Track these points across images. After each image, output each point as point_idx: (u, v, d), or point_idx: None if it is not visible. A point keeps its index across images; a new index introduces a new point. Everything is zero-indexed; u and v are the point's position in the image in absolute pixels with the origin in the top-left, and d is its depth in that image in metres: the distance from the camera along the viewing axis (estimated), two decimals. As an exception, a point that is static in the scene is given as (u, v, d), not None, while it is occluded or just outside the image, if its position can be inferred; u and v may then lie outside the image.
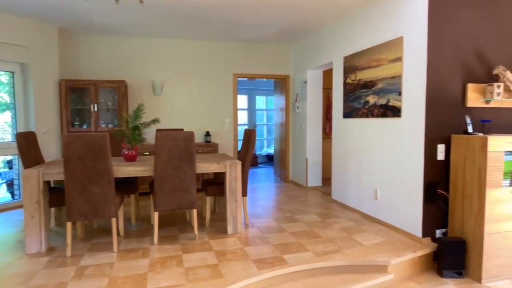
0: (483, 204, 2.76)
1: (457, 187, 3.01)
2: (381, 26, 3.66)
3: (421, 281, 2.81)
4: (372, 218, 3.85)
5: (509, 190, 2.82)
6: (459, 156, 3.00)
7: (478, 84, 3.16)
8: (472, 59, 3.18)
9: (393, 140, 3.51)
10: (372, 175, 3.86)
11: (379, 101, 3.70)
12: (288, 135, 6.35)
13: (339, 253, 2.90)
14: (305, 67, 5.67)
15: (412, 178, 3.23)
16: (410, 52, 3.23)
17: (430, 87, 3.06)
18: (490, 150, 2.74)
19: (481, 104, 3.17)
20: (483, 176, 2.76)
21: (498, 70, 3.10)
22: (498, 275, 2.82)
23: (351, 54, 4.23)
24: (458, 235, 3.00)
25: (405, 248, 2.99)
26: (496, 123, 3.26)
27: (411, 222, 3.26)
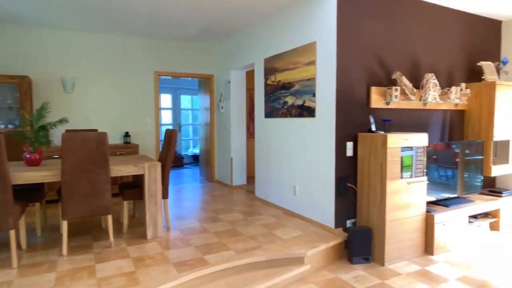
0: (384, 194, 3.09)
1: (364, 180, 3.32)
2: (297, 31, 3.85)
3: (334, 269, 3.03)
4: (292, 213, 4.04)
5: (405, 182, 3.20)
6: (364, 152, 3.30)
7: (380, 88, 3.51)
8: (375, 65, 3.52)
9: (309, 138, 3.72)
10: (291, 172, 4.05)
11: (296, 102, 3.90)
12: (213, 134, 6.33)
13: (260, 249, 2.98)
14: (228, 67, 5.70)
15: (326, 174, 3.47)
16: (322, 57, 3.46)
17: (339, 90, 3.32)
18: (389, 147, 3.08)
19: (382, 105, 3.53)
20: (384, 170, 3.09)
21: (396, 75, 3.48)
22: (397, 258, 3.18)
23: (271, 56, 4.38)
24: (365, 224, 3.31)
25: (319, 239, 3.20)
26: (395, 122, 3.66)
27: (325, 214, 3.49)
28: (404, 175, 3.20)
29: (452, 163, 3.81)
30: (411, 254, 3.27)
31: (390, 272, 2.97)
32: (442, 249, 3.40)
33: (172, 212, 4.24)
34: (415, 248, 3.29)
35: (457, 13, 4.13)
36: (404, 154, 3.20)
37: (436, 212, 3.36)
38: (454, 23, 4.12)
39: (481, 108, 4.06)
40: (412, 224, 3.25)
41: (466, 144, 3.88)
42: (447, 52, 4.09)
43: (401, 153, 3.14)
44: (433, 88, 3.66)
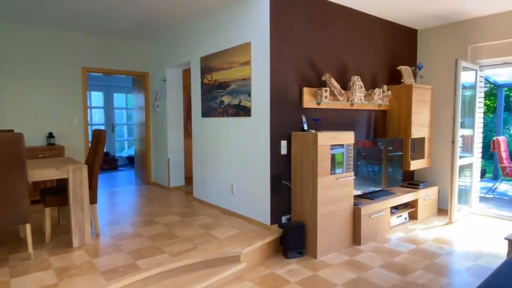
0: (315, 190, 3.24)
1: (297, 177, 3.44)
2: (233, 30, 3.86)
3: (270, 264, 3.10)
4: (230, 212, 4.05)
5: (335, 177, 3.39)
6: (297, 150, 3.43)
7: (311, 88, 3.67)
8: (306, 67, 3.68)
9: (245, 137, 3.76)
10: (228, 172, 4.06)
11: (233, 101, 3.91)
12: (148, 135, 6.09)
13: (196, 250, 2.94)
14: (164, 65, 5.53)
15: (261, 172, 3.53)
16: (257, 57, 3.52)
17: (273, 90, 3.40)
18: (319, 144, 3.23)
19: (314, 105, 3.70)
20: (315, 167, 3.24)
21: (325, 77, 3.67)
22: (329, 250, 3.35)
23: (207, 55, 4.34)
24: (299, 219, 3.44)
25: (256, 236, 3.25)
26: (325, 121, 3.86)
27: (261, 212, 3.56)
28: (337, 171, 3.40)
29: (377, 159, 4.13)
30: (341, 245, 3.47)
31: (322, 264, 3.13)
32: (369, 239, 3.66)
33: (103, 217, 3.99)
34: (345, 240, 3.51)
35: (380, 21, 4.48)
36: (336, 152, 3.39)
37: (362, 205, 3.61)
38: (377, 30, 4.47)
39: (400, 108, 4.45)
40: (342, 217, 3.46)
41: (388, 141, 4.23)
42: (371, 57, 4.42)
43: (333, 151, 3.32)
44: (359, 89, 3.93)
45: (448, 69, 4.61)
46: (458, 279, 2.85)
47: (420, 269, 3.01)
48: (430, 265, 3.08)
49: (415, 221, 4.35)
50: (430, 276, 2.88)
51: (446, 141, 4.65)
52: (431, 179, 4.90)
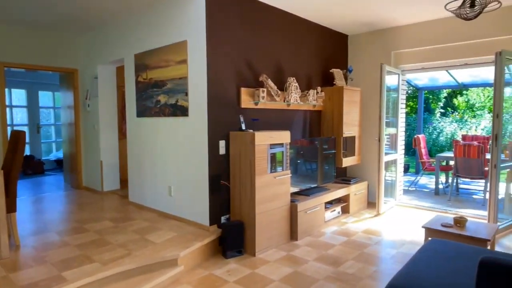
0: (254, 189, 3.28)
1: (235, 177, 3.46)
2: (169, 28, 3.76)
3: (208, 265, 3.07)
4: (167, 215, 3.93)
5: (273, 176, 3.47)
6: (236, 150, 3.45)
7: (249, 89, 3.72)
8: (244, 67, 3.71)
9: (182, 138, 3.68)
10: (166, 173, 3.94)
11: (169, 101, 3.81)
12: (78, 136, 5.67)
13: (129, 256, 2.80)
14: (95, 62, 5.19)
15: (200, 172, 3.49)
16: (194, 56, 3.47)
17: (211, 89, 3.38)
18: (257, 144, 3.28)
19: (251, 105, 3.75)
20: (253, 166, 3.28)
21: (262, 78, 3.74)
22: (267, 247, 3.42)
23: (142, 53, 4.17)
24: (238, 218, 3.46)
25: (194, 238, 3.20)
26: (263, 121, 3.93)
27: (200, 213, 3.51)
28: (274, 170, 3.47)
29: (313, 157, 4.32)
30: (279, 241, 3.56)
31: (260, 261, 3.18)
32: (305, 234, 3.81)
33: (24, 227, 3.62)
34: (282, 236, 3.61)
35: (314, 26, 4.69)
36: (274, 151, 3.47)
37: (299, 202, 3.75)
38: (312, 33, 4.66)
39: (333, 108, 4.70)
40: (279, 214, 3.55)
41: (323, 140, 4.44)
42: (306, 59, 4.61)
43: (271, 150, 3.38)
44: (295, 90, 4.07)
45: (374, 73, 4.97)
46: (383, 266, 3.09)
47: (351, 259, 3.21)
48: (359, 255, 3.30)
49: (347, 214, 4.63)
50: (359, 265, 3.08)
51: (373, 139, 5.01)
52: (362, 174, 5.25)
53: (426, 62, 4.77)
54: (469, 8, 2.87)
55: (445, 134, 9.67)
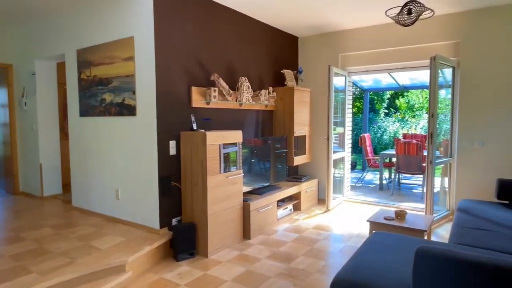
0: (205, 189, 3.24)
1: (187, 178, 3.40)
2: (114, 23, 3.58)
3: (159, 270, 2.98)
4: (115, 219, 3.75)
5: (224, 176, 3.45)
6: (187, 150, 3.38)
7: (200, 88, 3.67)
8: (195, 66, 3.65)
9: (130, 138, 3.53)
10: (113, 175, 3.75)
11: (115, 100, 3.63)
12: (14, 137, 5.21)
13: (72, 265, 2.63)
14: (32, 56, 4.80)
15: (149, 174, 3.37)
16: (141, 53, 3.34)
17: (160, 88, 3.28)
18: (208, 144, 3.25)
19: (203, 105, 3.70)
20: (204, 166, 3.24)
21: (214, 77, 3.70)
22: (220, 247, 3.40)
23: (85, 48, 3.93)
24: (190, 220, 3.40)
25: (143, 243, 3.08)
26: (215, 121, 3.90)
27: (150, 216, 3.40)
28: (226, 169, 3.46)
29: (265, 156, 4.37)
30: (232, 241, 3.56)
31: (213, 262, 3.15)
32: (258, 232, 3.85)
33: None
34: (235, 236, 3.61)
35: (266, 27, 4.74)
36: (226, 151, 3.45)
37: (251, 201, 3.77)
38: (264, 34, 4.71)
39: (284, 108, 4.80)
40: (232, 214, 3.55)
41: (275, 140, 4.51)
42: (258, 59, 4.65)
43: (223, 150, 3.36)
44: (247, 90, 4.09)
45: (323, 74, 5.14)
46: (332, 260, 3.21)
47: (302, 255, 3.30)
48: (310, 251, 3.40)
49: (299, 211, 4.75)
50: (310, 260, 3.18)
51: (323, 138, 5.20)
52: (312, 172, 5.42)
53: (370, 65, 5.04)
54: (407, 15, 3.09)
55: (389, 133, 10.31)
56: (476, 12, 4.14)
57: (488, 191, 4.10)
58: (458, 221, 3.07)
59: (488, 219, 3.03)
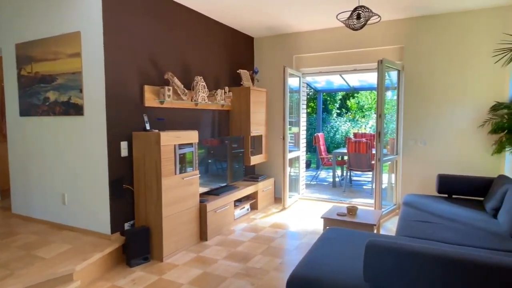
0: (160, 191, 3.15)
1: (140, 180, 3.27)
2: (58, 16, 3.35)
3: (111, 277, 2.84)
4: (61, 226, 3.51)
5: (180, 177, 3.37)
6: (140, 151, 3.26)
7: (154, 87, 3.55)
8: (148, 64, 3.53)
9: (77, 139, 3.33)
10: (59, 179, 3.51)
11: (61, 98, 3.40)
12: None
13: (12, 277, 2.42)
14: (-38, 50, 4.34)
15: (98, 177, 3.20)
16: (89, 49, 3.16)
17: (109, 86, 3.13)
18: (163, 144, 3.15)
19: (157, 104, 3.59)
20: (159, 167, 3.14)
21: (168, 76, 3.61)
22: (176, 250, 3.32)
23: (25, 42, 3.64)
24: (143, 224, 3.28)
25: (93, 249, 2.92)
26: (170, 121, 3.80)
27: (100, 221, 3.23)
28: (182, 171, 3.38)
29: (222, 156, 4.34)
30: (189, 244, 3.49)
31: (168, 265, 3.07)
32: (215, 233, 3.82)
33: None
34: (192, 238, 3.54)
35: (222, 26, 4.71)
36: (181, 151, 3.38)
37: (208, 202, 3.73)
38: (220, 34, 4.68)
39: (241, 108, 4.81)
40: (188, 216, 3.48)
41: (232, 140, 4.50)
42: (214, 59, 4.61)
43: (178, 150, 3.28)
44: (202, 90, 4.04)
45: (278, 75, 5.23)
46: (288, 257, 3.27)
47: (259, 254, 3.32)
48: (267, 249, 3.44)
49: (256, 211, 4.79)
50: (266, 259, 3.21)
51: (279, 138, 5.28)
52: (268, 172, 5.48)
53: (323, 66, 5.21)
54: (356, 20, 3.23)
55: (341, 132, 10.74)
56: (417, 20, 4.45)
57: (430, 186, 4.43)
58: (404, 214, 3.28)
59: (430, 212, 3.27)
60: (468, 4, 3.99)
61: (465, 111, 4.27)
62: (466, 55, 4.23)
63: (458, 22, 4.24)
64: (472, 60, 4.20)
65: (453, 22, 4.27)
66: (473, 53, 4.19)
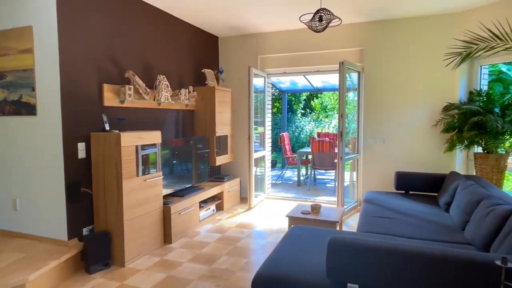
0: (121, 194, 3.04)
1: (99, 183, 3.14)
2: (7, 9, 3.12)
3: (69, 285, 2.70)
4: (12, 233, 3.28)
5: (142, 179, 3.27)
6: (99, 153, 3.12)
7: (114, 85, 3.42)
8: (107, 62, 3.39)
9: (30, 140, 3.12)
10: (9, 183, 3.28)
11: (11, 97, 3.18)
12: None
13: (-46, 291, 2.23)
14: None
15: (54, 180, 3.02)
16: (42, 45, 2.98)
17: (65, 85, 2.96)
18: (123, 145, 3.04)
19: (117, 103, 3.46)
20: (119, 169, 3.03)
21: (128, 74, 3.49)
22: (138, 255, 3.22)
23: (-31, 36, 3.36)
24: (103, 228, 3.14)
25: (48, 257, 2.76)
26: (132, 121, 3.68)
27: (56, 227, 3.05)
28: (144, 172, 3.29)
29: (187, 156, 4.27)
30: (152, 247, 3.40)
31: (131, 271, 2.97)
32: (180, 236, 3.74)
33: None
34: (155, 241, 3.45)
35: (186, 25, 4.63)
36: (143, 152, 3.28)
37: (172, 204, 3.65)
38: (184, 32, 4.60)
39: (206, 108, 4.76)
40: (151, 218, 3.39)
41: (196, 140, 4.44)
42: (178, 57, 4.52)
43: (143, 151, 3.17)
44: (165, 89, 3.94)
45: (243, 75, 5.23)
46: (254, 257, 3.28)
47: (224, 255, 3.30)
48: (232, 250, 3.43)
49: (222, 211, 4.76)
50: (232, 259, 3.20)
51: (244, 138, 5.28)
52: (234, 172, 5.47)
53: (287, 67, 5.29)
54: (318, 22, 3.30)
55: (305, 132, 10.96)
56: (376, 23, 4.64)
57: (389, 183, 4.63)
58: (364, 211, 3.40)
59: (389, 208, 3.42)
60: (422, 10, 4.21)
61: (420, 111, 4.51)
62: (421, 58, 4.47)
63: (413, 26, 4.47)
64: (426, 63, 4.45)
65: (409, 26, 4.49)
66: (427, 56, 4.44)
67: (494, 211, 2.37)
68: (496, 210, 2.35)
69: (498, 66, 6.37)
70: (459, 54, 3.03)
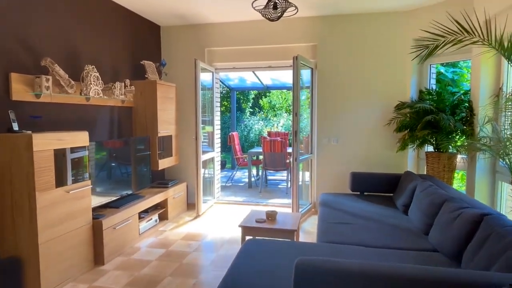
0: (34, 211, 2.43)
1: (5, 197, 2.49)
2: None
3: (-44, 335, 2.06)
4: None
5: (63, 190, 2.68)
6: (4, 159, 2.48)
7: (26, 76, 2.77)
8: (16, 46, 2.73)
9: None
10: None
11: None
12: None
13: None
14: None
15: None
16: None
17: (-47, 72, 2.29)
18: (37, 150, 2.44)
19: (31, 98, 2.81)
20: (31, 180, 2.42)
21: (46, 62, 2.85)
22: (60, 283, 2.63)
23: None
24: (12, 254, 2.50)
25: None
26: (51, 120, 3.04)
27: None
28: (67, 181, 2.70)
29: (124, 160, 3.70)
30: (79, 272, 2.82)
31: (48, 305, 2.39)
32: (115, 254, 3.19)
33: None
34: (84, 264, 2.88)
35: (123, 10, 4.03)
36: (66, 158, 2.69)
37: (104, 217, 3.09)
38: (120, 18, 4.00)
39: (146, 105, 4.20)
40: (77, 237, 2.81)
41: (135, 141, 3.88)
42: (113, 46, 3.92)
43: (61, 157, 2.58)
44: (95, 82, 3.34)
45: (189, 69, 4.73)
46: (203, 276, 2.86)
47: (169, 275, 2.84)
48: (178, 268, 2.97)
49: (166, 221, 4.25)
50: (178, 281, 2.75)
51: (191, 138, 4.81)
52: (180, 176, 4.98)
53: (237, 62, 4.92)
54: (273, 10, 2.98)
55: (254, 131, 10.69)
56: (330, 18, 4.45)
57: (344, 183, 4.47)
58: (322, 216, 3.16)
59: (347, 212, 3.21)
60: (375, 7, 4.10)
61: (373, 109, 4.42)
62: (374, 56, 4.37)
63: (366, 23, 4.36)
64: (379, 61, 4.36)
65: (362, 22, 4.37)
66: (379, 54, 4.35)
67: (461, 215, 2.22)
68: (464, 215, 2.20)
69: (438, 67, 6.63)
70: (426, 47, 2.90)
